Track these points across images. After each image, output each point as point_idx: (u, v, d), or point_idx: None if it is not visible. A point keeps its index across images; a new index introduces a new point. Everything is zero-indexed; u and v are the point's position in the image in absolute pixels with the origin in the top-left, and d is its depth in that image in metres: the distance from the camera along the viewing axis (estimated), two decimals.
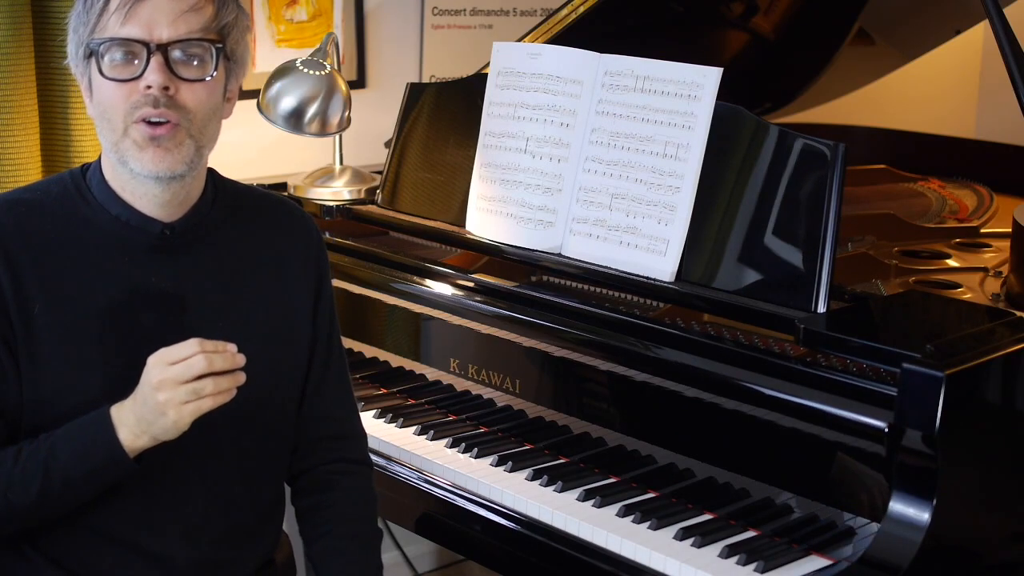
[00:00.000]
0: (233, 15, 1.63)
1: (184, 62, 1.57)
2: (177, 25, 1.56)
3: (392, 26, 3.20)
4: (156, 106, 1.55)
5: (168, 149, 1.56)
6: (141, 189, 1.61)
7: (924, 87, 4.12)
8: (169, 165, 1.57)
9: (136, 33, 1.54)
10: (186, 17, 1.56)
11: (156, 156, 1.56)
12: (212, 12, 1.59)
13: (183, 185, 1.62)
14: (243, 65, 1.68)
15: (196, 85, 1.58)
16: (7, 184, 2.40)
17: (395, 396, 2.33)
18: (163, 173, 1.58)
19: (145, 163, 1.56)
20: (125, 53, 1.55)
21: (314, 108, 2.54)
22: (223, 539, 1.70)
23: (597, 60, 2.14)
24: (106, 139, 1.59)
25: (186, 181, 1.62)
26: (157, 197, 1.61)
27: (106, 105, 1.57)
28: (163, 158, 1.57)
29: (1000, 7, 2.08)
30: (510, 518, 1.93)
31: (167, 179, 1.59)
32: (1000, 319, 1.85)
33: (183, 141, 1.58)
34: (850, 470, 1.72)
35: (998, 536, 1.80)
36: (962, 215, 2.77)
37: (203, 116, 1.60)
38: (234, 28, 1.63)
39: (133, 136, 1.56)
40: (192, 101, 1.58)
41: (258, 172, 2.83)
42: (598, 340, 1.99)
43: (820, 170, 1.88)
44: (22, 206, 1.61)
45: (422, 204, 2.42)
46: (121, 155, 1.57)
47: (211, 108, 1.61)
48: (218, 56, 1.59)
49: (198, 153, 1.61)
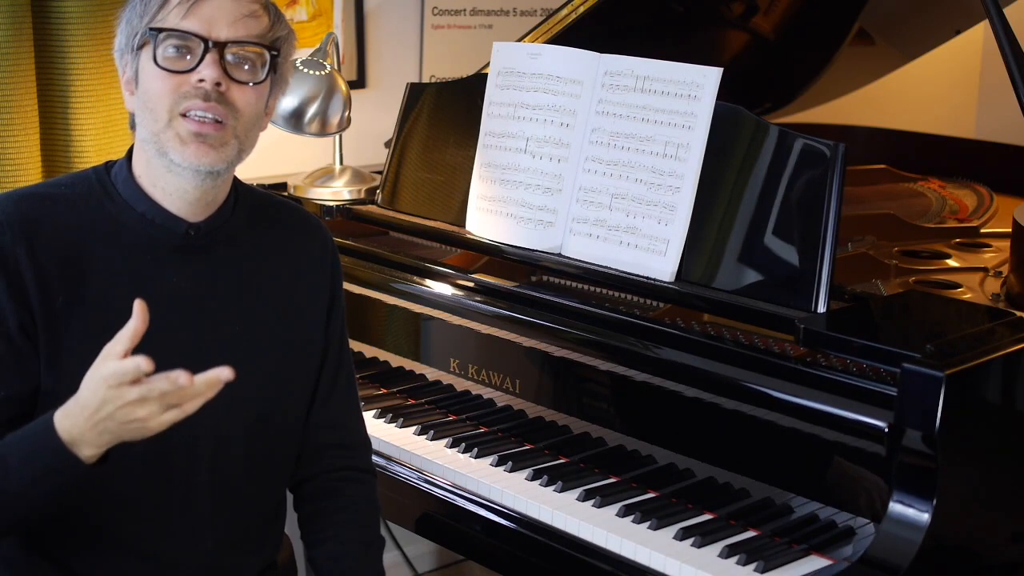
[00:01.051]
0: (286, 31, 1.66)
1: (237, 64, 1.59)
2: (236, 27, 1.58)
3: (392, 26, 3.20)
4: (207, 99, 1.56)
5: (213, 146, 1.58)
6: (175, 183, 1.61)
7: (924, 87, 4.12)
8: (212, 160, 1.58)
9: (196, 28, 1.56)
10: (245, 22, 1.59)
11: (200, 151, 1.57)
12: (268, 23, 1.62)
13: (215, 185, 1.63)
14: (284, 84, 1.70)
15: (246, 87, 1.60)
16: (7, 184, 2.40)
17: (395, 396, 2.33)
18: (203, 167, 1.58)
19: (188, 156, 1.57)
20: (182, 46, 1.56)
21: (314, 108, 2.55)
22: (229, 543, 1.70)
23: (597, 60, 2.14)
24: (146, 128, 1.59)
25: (219, 181, 1.63)
26: (188, 194, 1.62)
27: (152, 94, 1.58)
28: (207, 153, 1.57)
29: (1000, 7, 2.09)
30: (510, 518, 1.93)
31: (205, 174, 1.59)
32: (1000, 319, 1.85)
33: (228, 140, 1.59)
34: (850, 470, 1.72)
35: (998, 536, 1.80)
36: (962, 215, 2.77)
37: (249, 118, 1.61)
38: (285, 43, 1.66)
39: (177, 129, 1.57)
40: (241, 101, 1.59)
41: (258, 172, 2.82)
42: (598, 340, 1.99)
43: (820, 170, 1.88)
44: (47, 200, 1.62)
45: (422, 204, 2.42)
46: (161, 146, 1.58)
47: (257, 113, 1.63)
48: (271, 64, 1.62)
49: (239, 156, 1.62)
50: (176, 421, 1.41)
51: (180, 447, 1.63)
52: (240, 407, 1.66)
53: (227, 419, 1.65)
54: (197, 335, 1.64)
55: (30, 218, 1.58)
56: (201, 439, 1.64)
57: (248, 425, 1.68)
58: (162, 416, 1.39)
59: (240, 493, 1.70)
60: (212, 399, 1.63)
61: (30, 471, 1.44)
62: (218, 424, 1.65)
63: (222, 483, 1.67)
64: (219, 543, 1.69)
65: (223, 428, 1.66)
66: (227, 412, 1.65)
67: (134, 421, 1.38)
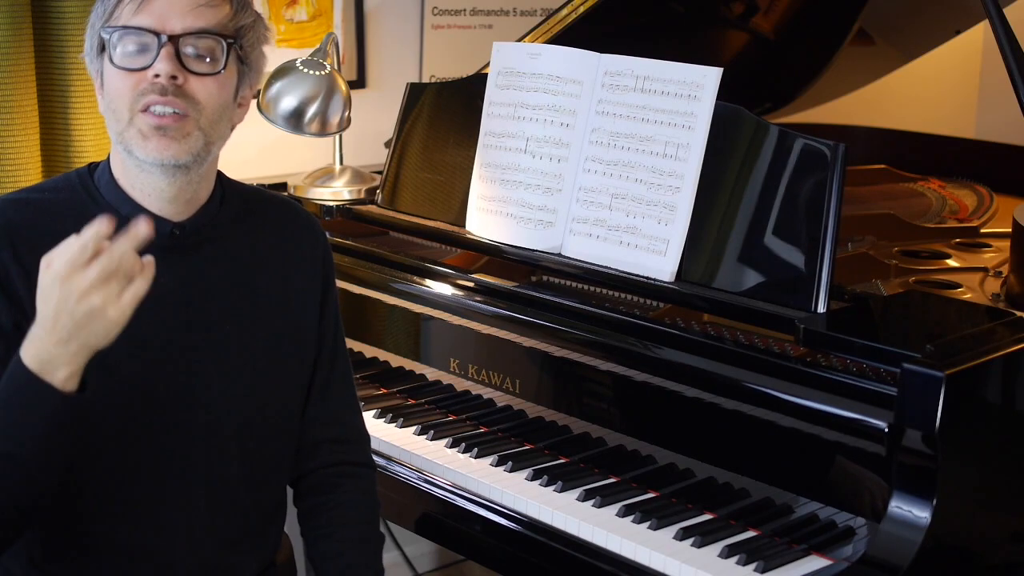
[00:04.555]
0: (251, 19, 1.64)
1: (195, 57, 1.57)
2: (189, 18, 1.56)
3: (392, 26, 3.20)
4: (164, 94, 1.54)
5: (174, 138, 1.56)
6: (149, 182, 1.60)
7: (924, 87, 4.12)
8: (175, 153, 1.56)
9: (148, 23, 1.55)
10: (199, 12, 1.57)
11: (161, 144, 1.55)
12: (229, 11, 1.60)
13: (189, 180, 1.62)
14: (258, 73, 1.68)
15: (206, 78, 1.58)
16: (7, 184, 2.40)
17: (395, 396, 2.33)
18: (167, 160, 1.56)
19: (150, 150, 1.55)
20: (136, 43, 1.55)
21: (314, 108, 2.55)
22: (227, 543, 1.70)
23: (597, 60, 2.14)
24: (112, 129, 1.59)
25: (192, 176, 1.61)
26: (164, 192, 1.61)
27: (113, 95, 1.57)
28: (168, 146, 1.56)
29: (1000, 7, 2.09)
30: (510, 518, 1.93)
31: (172, 167, 1.58)
32: (1000, 319, 1.85)
33: (191, 132, 1.57)
34: (850, 470, 1.72)
35: (998, 536, 1.80)
36: (962, 215, 2.77)
37: (212, 110, 1.59)
38: (250, 31, 1.63)
39: (138, 125, 1.55)
40: (202, 93, 1.57)
41: (258, 172, 2.83)
42: (598, 340, 1.99)
43: (820, 170, 1.88)
44: (32, 205, 1.61)
45: (422, 204, 2.42)
46: (126, 144, 1.57)
47: (221, 103, 1.60)
48: (228, 52, 1.59)
49: (206, 148, 1.60)
50: (136, 301, 1.38)
51: (173, 446, 1.63)
52: (233, 405, 1.66)
53: (220, 418, 1.65)
54: (187, 335, 1.64)
55: (15, 224, 1.57)
56: (194, 438, 1.64)
57: (241, 423, 1.67)
58: (121, 301, 1.37)
59: (237, 492, 1.69)
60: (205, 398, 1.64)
61: (11, 418, 1.41)
62: (211, 423, 1.65)
63: (218, 482, 1.67)
64: (217, 542, 1.68)
65: (216, 426, 1.65)
66: (220, 411, 1.65)
67: (94, 315, 1.36)
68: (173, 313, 1.63)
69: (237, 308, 1.68)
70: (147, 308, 1.47)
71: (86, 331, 1.37)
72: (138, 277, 1.38)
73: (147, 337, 1.58)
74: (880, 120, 3.61)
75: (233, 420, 1.67)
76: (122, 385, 1.56)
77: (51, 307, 1.36)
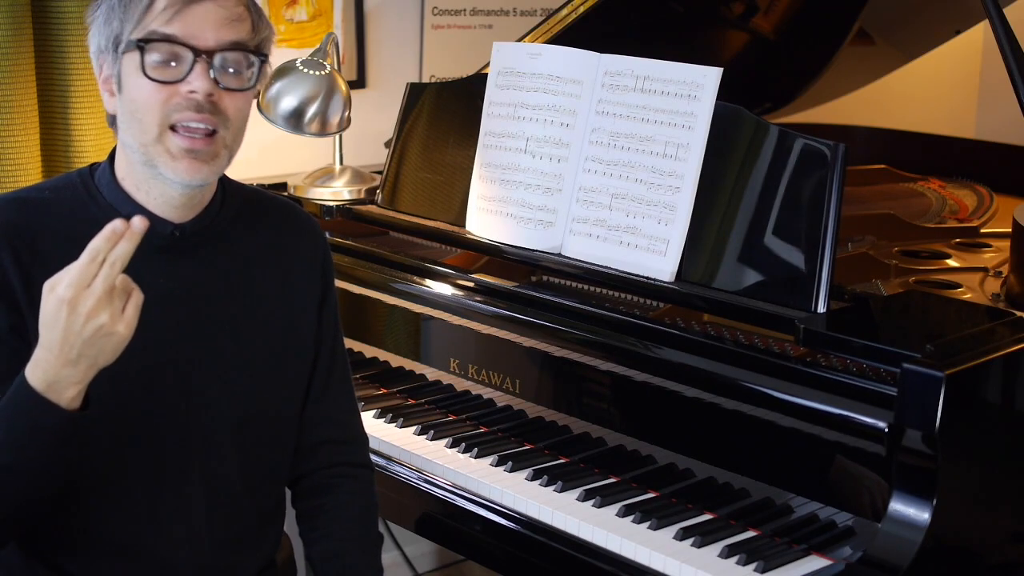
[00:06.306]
0: (268, 31, 1.63)
1: (225, 71, 1.56)
2: (222, 32, 1.55)
3: (392, 26, 3.20)
4: (199, 111, 1.54)
5: (204, 161, 1.56)
6: (160, 191, 1.60)
7: (924, 87, 4.12)
8: (204, 176, 1.57)
9: (183, 34, 1.53)
10: (232, 26, 1.56)
11: (191, 167, 1.55)
12: (251, 25, 1.59)
13: (203, 190, 1.63)
14: (265, 79, 1.69)
15: (236, 94, 1.57)
16: (7, 184, 2.40)
17: (395, 396, 2.33)
18: (195, 183, 1.57)
19: (179, 172, 1.55)
20: (169, 54, 1.53)
21: (314, 108, 2.54)
22: (226, 544, 1.70)
23: (597, 60, 2.14)
24: (133, 138, 1.57)
25: (206, 187, 1.63)
26: (174, 199, 1.61)
27: (140, 104, 1.55)
28: (199, 169, 1.56)
29: (1000, 7, 2.09)
30: (510, 518, 1.93)
31: (196, 187, 1.59)
32: (1000, 319, 1.85)
33: (219, 152, 1.57)
34: (850, 470, 1.72)
35: (998, 536, 1.80)
36: (962, 215, 2.77)
37: (239, 124, 1.60)
38: (268, 43, 1.64)
39: (167, 144, 1.54)
40: (231, 108, 1.57)
41: (258, 172, 2.83)
42: (598, 340, 1.99)
43: (820, 170, 1.88)
44: (31, 205, 1.61)
45: (422, 204, 2.42)
46: (150, 158, 1.56)
47: (246, 117, 1.61)
48: (260, 67, 1.59)
49: (228, 164, 1.61)
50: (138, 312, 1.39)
51: (173, 448, 1.63)
52: (232, 406, 1.67)
53: (219, 418, 1.66)
54: (187, 336, 1.64)
55: (14, 224, 1.57)
56: (193, 439, 1.64)
57: (240, 424, 1.68)
58: (125, 315, 1.38)
59: (235, 492, 1.69)
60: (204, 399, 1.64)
61: (15, 434, 1.42)
62: (210, 423, 1.65)
63: (216, 482, 1.67)
64: (216, 543, 1.68)
65: (215, 427, 1.65)
66: (219, 411, 1.66)
67: (103, 334, 1.37)
68: (173, 314, 1.63)
69: (236, 310, 1.68)
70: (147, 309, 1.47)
71: (95, 350, 1.39)
72: (134, 289, 1.40)
73: (147, 338, 1.58)
74: (880, 120, 3.61)
75: (232, 421, 1.67)
76: (122, 386, 1.56)
77: (58, 331, 1.37)
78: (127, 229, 1.37)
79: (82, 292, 1.36)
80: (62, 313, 1.36)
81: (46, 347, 1.39)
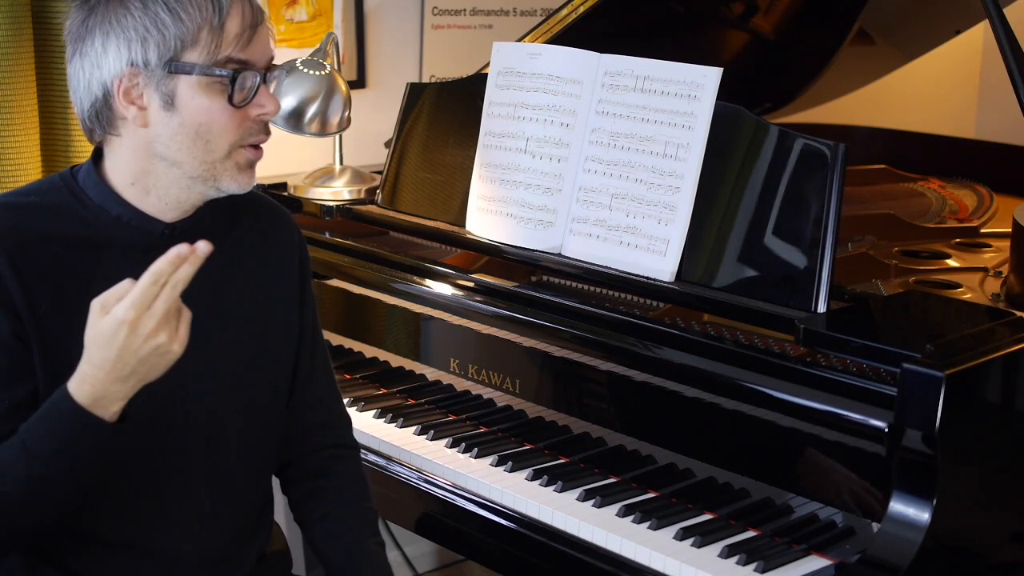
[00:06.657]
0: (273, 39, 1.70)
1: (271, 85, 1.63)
2: (269, 52, 1.62)
3: (392, 26, 3.20)
4: (266, 130, 1.62)
5: (255, 168, 1.65)
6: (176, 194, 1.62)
7: (924, 87, 4.12)
8: (254, 182, 1.65)
9: (252, 59, 1.58)
10: (271, 44, 1.63)
11: (252, 176, 1.64)
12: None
13: None
14: None
15: None
16: (7, 184, 2.40)
17: (395, 396, 2.33)
18: (248, 189, 1.64)
19: (243, 183, 1.62)
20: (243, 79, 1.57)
21: (314, 108, 2.54)
22: (229, 535, 1.72)
23: (597, 60, 2.14)
24: (193, 156, 1.58)
25: None
26: (185, 203, 1.63)
27: (214, 127, 1.57)
28: (254, 176, 1.64)
29: (1000, 7, 2.09)
30: (510, 518, 1.93)
31: None
32: (1000, 319, 1.85)
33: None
34: (850, 470, 1.72)
35: (998, 536, 1.80)
36: (962, 215, 2.77)
37: None
38: None
39: (237, 159, 1.60)
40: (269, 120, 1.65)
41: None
42: (598, 340, 1.99)
43: (820, 170, 1.88)
44: (20, 209, 1.61)
45: (422, 204, 2.42)
46: (215, 175, 1.60)
47: None
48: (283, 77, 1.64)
49: None
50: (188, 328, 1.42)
51: (174, 442, 1.64)
52: (228, 398, 1.69)
53: (217, 411, 1.68)
54: None
55: (5, 228, 1.57)
56: (194, 433, 1.66)
57: (237, 416, 1.70)
58: (180, 334, 1.41)
59: (236, 484, 1.72)
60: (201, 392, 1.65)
61: (54, 446, 1.45)
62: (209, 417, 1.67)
63: (218, 474, 1.69)
64: (219, 535, 1.70)
65: (214, 420, 1.67)
66: (216, 404, 1.68)
67: (160, 353, 1.40)
68: None
69: (224, 304, 1.70)
70: None
71: (147, 367, 1.41)
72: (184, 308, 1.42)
73: None
74: (880, 120, 3.61)
75: (229, 413, 1.69)
76: None
77: (114, 350, 1.39)
78: (192, 253, 1.40)
79: (143, 313, 1.38)
80: (120, 333, 1.38)
81: (96, 364, 1.41)
